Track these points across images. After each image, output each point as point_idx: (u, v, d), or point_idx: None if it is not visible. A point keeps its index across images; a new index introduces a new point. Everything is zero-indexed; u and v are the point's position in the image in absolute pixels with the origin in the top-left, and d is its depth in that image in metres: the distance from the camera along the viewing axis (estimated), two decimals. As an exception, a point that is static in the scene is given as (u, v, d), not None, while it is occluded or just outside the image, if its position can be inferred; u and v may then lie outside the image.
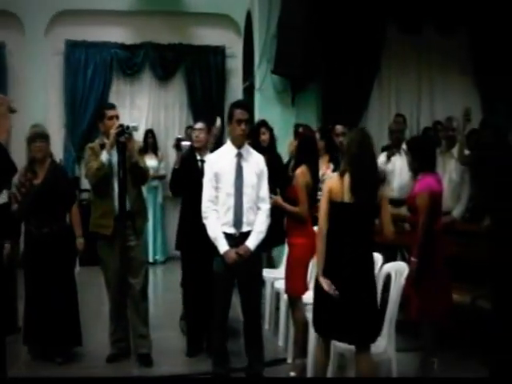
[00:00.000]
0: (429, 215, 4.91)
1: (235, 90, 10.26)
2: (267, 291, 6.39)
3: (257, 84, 8.51)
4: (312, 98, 8.53)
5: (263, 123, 7.13)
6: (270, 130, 7.11)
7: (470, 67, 9.03)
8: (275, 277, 6.17)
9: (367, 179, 4.15)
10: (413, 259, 4.90)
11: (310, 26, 7.91)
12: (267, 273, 6.31)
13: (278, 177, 5.70)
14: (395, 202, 6.13)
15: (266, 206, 4.78)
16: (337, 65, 8.52)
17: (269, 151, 6.65)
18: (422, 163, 5.16)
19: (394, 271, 4.75)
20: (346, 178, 4.12)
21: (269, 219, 4.78)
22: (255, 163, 4.82)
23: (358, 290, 4.08)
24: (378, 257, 4.95)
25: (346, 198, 4.11)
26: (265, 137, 7.01)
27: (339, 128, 7.13)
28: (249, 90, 9.08)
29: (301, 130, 5.98)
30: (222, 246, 4.66)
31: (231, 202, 4.70)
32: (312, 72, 8.18)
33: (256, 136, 6.83)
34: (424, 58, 9.03)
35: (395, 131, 7.68)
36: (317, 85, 8.56)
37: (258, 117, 8.04)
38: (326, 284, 4.09)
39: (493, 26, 8.64)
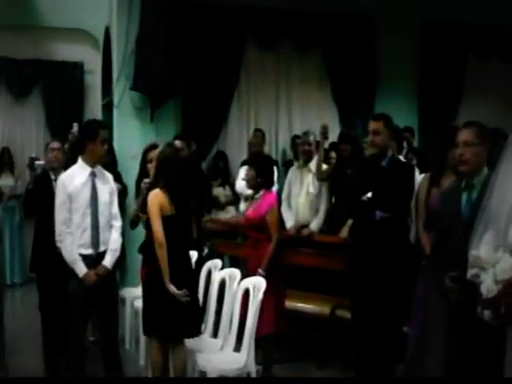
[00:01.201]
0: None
1: (94, 106, 10.07)
2: (127, 310, 6.31)
3: (115, 100, 8.37)
4: (171, 114, 8.52)
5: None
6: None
7: (327, 82, 9.27)
8: (135, 296, 6.08)
9: (182, 191, 4.40)
10: (261, 271, 5.04)
11: (169, 42, 7.90)
12: (127, 292, 6.31)
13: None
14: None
15: (118, 224, 4.82)
16: (196, 80, 8.54)
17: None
18: (266, 179, 5.32)
19: (252, 286, 4.82)
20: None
21: (121, 236, 4.77)
22: (107, 181, 4.79)
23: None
24: (236, 272, 5.06)
25: (170, 211, 4.38)
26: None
27: (178, 143, 7.18)
28: (108, 107, 8.93)
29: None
30: (81, 269, 4.60)
31: (87, 222, 4.64)
32: (171, 88, 8.17)
33: None
34: (282, 74, 9.19)
35: (254, 145, 7.84)
36: (176, 100, 8.55)
37: (116, 134, 7.92)
38: (174, 289, 4.32)
39: (347, 43, 9.01)
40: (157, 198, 4.44)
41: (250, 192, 6.10)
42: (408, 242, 5.16)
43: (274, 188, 7.46)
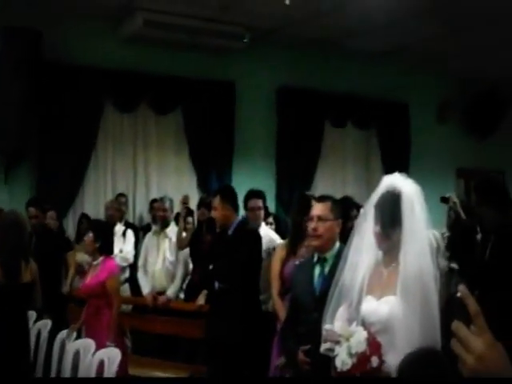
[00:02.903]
0: None
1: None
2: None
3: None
4: (26, 176, 8.24)
5: None
6: None
7: (185, 146, 9.30)
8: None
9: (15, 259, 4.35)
10: (109, 344, 4.94)
11: (25, 102, 7.69)
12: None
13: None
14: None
15: None
16: (52, 141, 8.31)
17: None
18: (104, 244, 5.29)
19: (106, 358, 4.66)
20: None
21: None
22: None
23: None
24: (90, 343, 4.90)
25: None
26: None
27: (32, 210, 6.98)
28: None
29: None
30: None
31: None
32: (26, 149, 7.91)
33: None
34: (140, 137, 9.10)
35: (110, 209, 7.72)
36: (31, 162, 8.28)
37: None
38: None
39: (206, 106, 9.12)
40: None
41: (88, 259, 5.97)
42: (258, 311, 5.20)
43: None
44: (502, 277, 4.10)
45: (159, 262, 6.86)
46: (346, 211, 4.79)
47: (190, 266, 6.96)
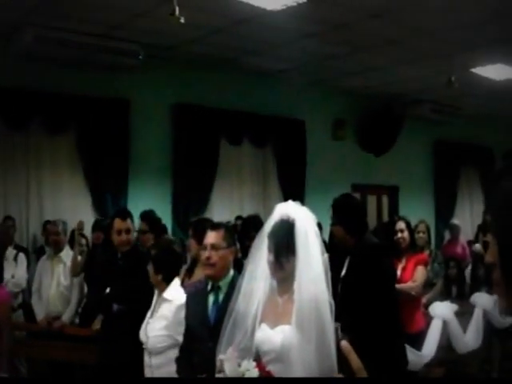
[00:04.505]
0: None
1: None
2: None
3: None
4: None
5: None
6: None
7: (79, 165, 9.04)
8: None
9: None
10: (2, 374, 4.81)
11: None
12: None
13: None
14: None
15: None
16: None
17: None
18: None
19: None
20: None
21: None
22: None
23: None
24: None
25: None
26: None
27: None
28: None
29: None
30: None
31: None
32: None
33: None
34: (32, 156, 8.75)
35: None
36: None
37: None
38: None
39: (100, 124, 8.92)
40: None
41: None
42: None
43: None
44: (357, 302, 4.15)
45: (53, 286, 6.71)
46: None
47: (85, 289, 6.83)
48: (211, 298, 3.71)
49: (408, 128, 11.96)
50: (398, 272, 5.81)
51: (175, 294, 4.18)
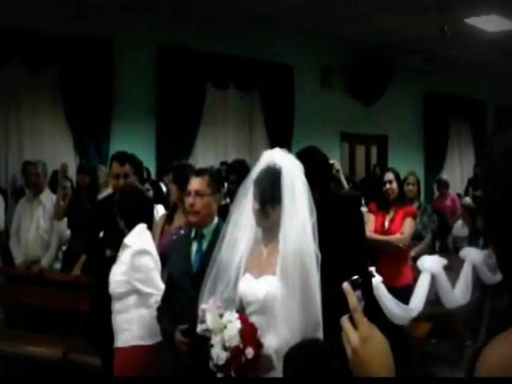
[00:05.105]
0: None
1: None
2: None
3: None
4: None
5: None
6: None
7: (60, 106, 8.87)
8: None
9: None
10: None
11: None
12: None
13: None
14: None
15: None
16: None
17: None
18: None
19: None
20: None
21: None
22: None
23: None
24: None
25: None
26: None
27: None
28: None
29: None
30: None
31: None
32: None
33: None
34: (13, 95, 8.59)
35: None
36: None
37: None
38: None
39: (83, 64, 8.72)
40: None
41: None
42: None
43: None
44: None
45: (33, 229, 6.57)
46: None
47: (66, 233, 6.71)
48: (194, 246, 3.62)
49: (398, 78, 11.83)
50: (386, 224, 5.76)
51: (134, 239, 4.07)
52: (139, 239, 4.10)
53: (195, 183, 3.64)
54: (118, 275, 4.07)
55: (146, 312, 3.98)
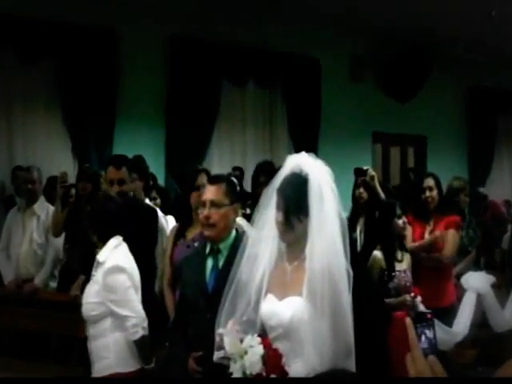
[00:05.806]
0: None
1: None
2: None
3: None
4: None
5: None
6: None
7: (56, 103, 8.91)
8: None
9: None
10: None
11: None
12: None
13: None
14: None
15: None
16: None
17: None
18: None
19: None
20: None
21: None
22: None
23: None
24: None
25: None
26: None
27: None
28: None
29: None
30: None
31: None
32: None
33: None
34: (2, 90, 8.63)
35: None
36: None
37: None
38: None
39: (82, 56, 8.76)
40: None
41: None
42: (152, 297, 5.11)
43: None
44: None
45: (25, 243, 6.65)
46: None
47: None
48: (210, 263, 3.66)
49: (439, 70, 11.80)
50: (426, 236, 5.77)
51: (108, 255, 4.07)
52: (113, 254, 4.09)
53: (210, 192, 3.66)
54: (90, 296, 4.06)
55: (121, 337, 4.00)
